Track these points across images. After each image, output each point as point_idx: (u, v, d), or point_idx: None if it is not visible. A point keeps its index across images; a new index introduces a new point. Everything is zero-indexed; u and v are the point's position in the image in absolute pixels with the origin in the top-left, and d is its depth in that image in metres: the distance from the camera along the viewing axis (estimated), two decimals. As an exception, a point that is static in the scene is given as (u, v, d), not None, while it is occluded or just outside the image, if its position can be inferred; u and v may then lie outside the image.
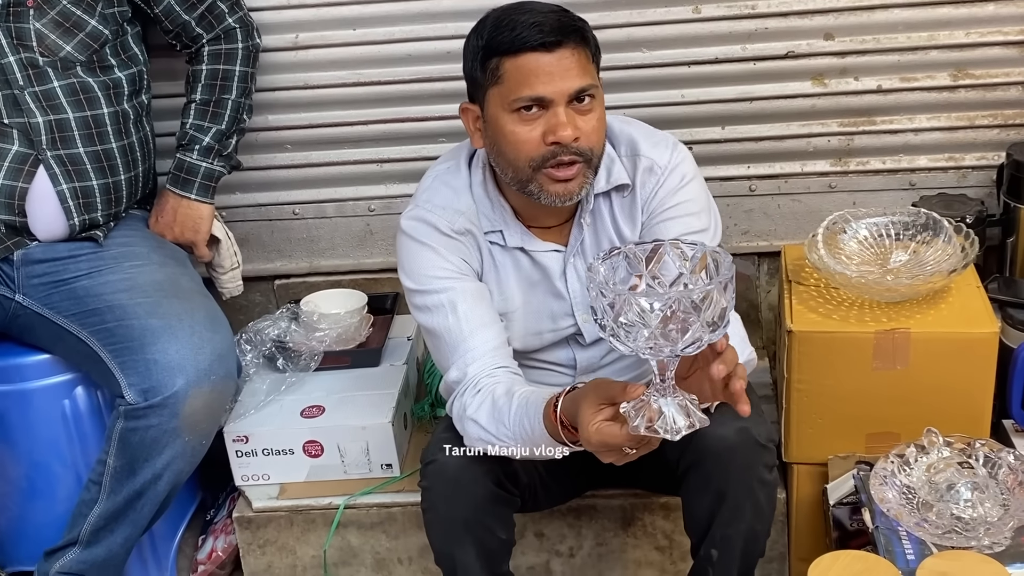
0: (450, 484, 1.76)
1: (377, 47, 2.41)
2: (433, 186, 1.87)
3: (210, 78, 2.28)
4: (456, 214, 1.82)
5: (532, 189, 1.73)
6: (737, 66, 2.36)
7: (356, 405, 2.26)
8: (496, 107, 1.71)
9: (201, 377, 1.98)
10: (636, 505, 2.16)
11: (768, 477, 1.77)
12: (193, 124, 2.27)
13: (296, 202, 2.58)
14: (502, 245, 1.85)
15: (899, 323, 1.96)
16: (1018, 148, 2.26)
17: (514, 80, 1.68)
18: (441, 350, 1.81)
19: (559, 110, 1.68)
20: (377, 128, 2.48)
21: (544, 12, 1.69)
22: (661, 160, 1.82)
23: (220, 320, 2.11)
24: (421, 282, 1.81)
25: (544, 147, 1.69)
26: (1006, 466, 1.78)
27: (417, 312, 1.84)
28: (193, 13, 2.25)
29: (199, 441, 2.06)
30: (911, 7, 2.28)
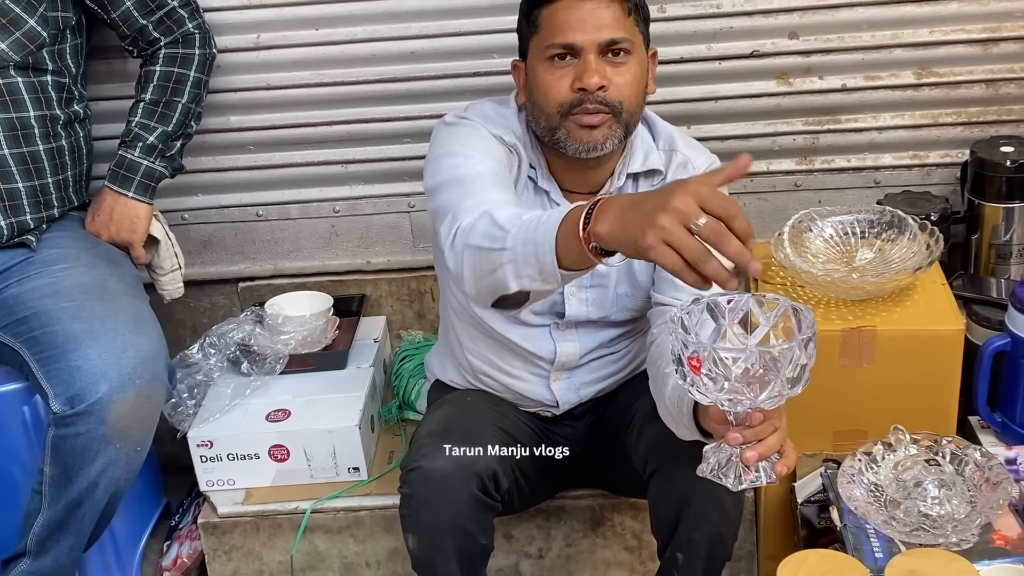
0: (434, 491, 1.74)
1: (340, 47, 2.38)
2: (481, 108, 1.87)
3: (163, 79, 2.25)
4: (506, 130, 1.83)
5: (560, 136, 1.76)
6: (702, 65, 2.36)
7: (322, 408, 2.24)
8: (534, 57, 1.77)
9: (125, 382, 1.93)
10: (605, 506, 2.16)
11: None
12: (139, 123, 2.24)
13: (260, 204, 2.56)
14: (535, 181, 1.87)
15: (865, 321, 1.97)
16: (981, 145, 2.27)
17: (549, 28, 1.74)
18: (453, 197, 1.65)
19: (589, 58, 1.72)
20: (341, 129, 2.46)
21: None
22: (697, 161, 1.87)
23: (147, 321, 2.06)
24: (461, 148, 1.74)
25: (572, 94, 1.73)
26: (972, 463, 1.79)
27: (442, 173, 1.71)
28: (151, 17, 2.22)
29: (132, 448, 2.00)
30: (875, 6, 2.29)
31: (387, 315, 2.61)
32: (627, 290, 1.91)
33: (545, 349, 1.95)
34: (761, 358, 1.32)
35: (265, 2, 2.35)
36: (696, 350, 1.33)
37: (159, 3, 2.21)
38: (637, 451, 1.81)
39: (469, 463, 1.74)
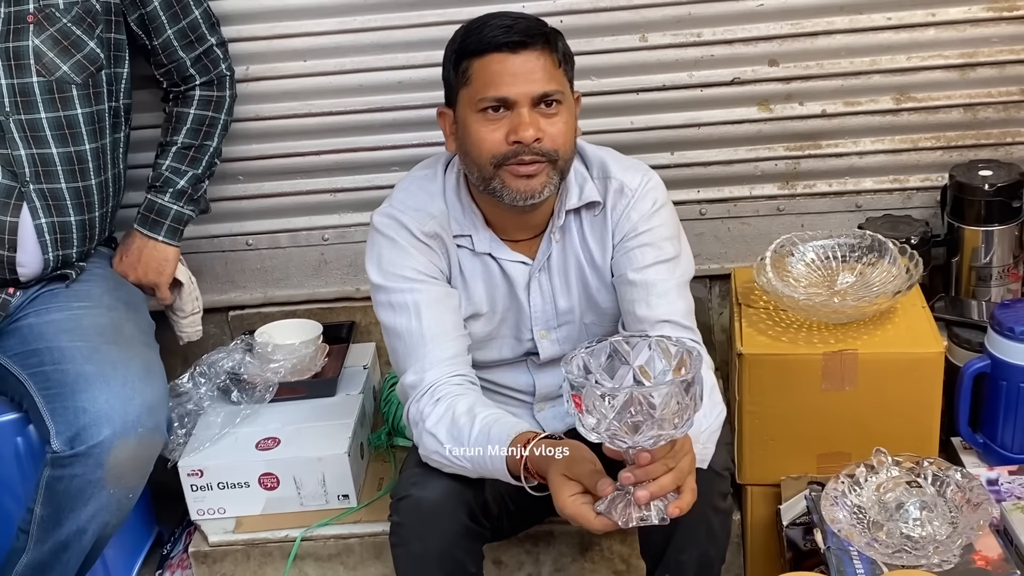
0: (424, 520, 1.75)
1: (328, 78, 2.42)
2: (409, 188, 1.89)
3: (196, 123, 2.28)
4: (427, 217, 1.84)
5: (495, 186, 1.76)
6: (684, 93, 2.39)
7: (312, 436, 2.26)
8: (465, 108, 1.76)
9: (128, 428, 1.96)
10: (593, 530, 2.17)
11: (722, 505, 1.79)
12: (170, 167, 2.27)
13: (249, 233, 2.58)
14: (471, 249, 1.88)
15: (847, 344, 1.99)
16: (960, 169, 2.30)
17: (480, 80, 1.73)
18: (399, 351, 1.83)
19: (522, 111, 1.72)
20: (329, 158, 2.49)
21: (515, 17, 1.76)
22: (632, 183, 1.86)
23: (156, 371, 2.09)
24: (389, 279, 1.83)
25: (506, 146, 1.73)
26: (954, 484, 1.81)
27: (380, 309, 1.85)
28: (190, 52, 2.25)
29: (125, 494, 2.02)
30: (853, 33, 2.32)
31: (376, 342, 2.63)
32: (594, 318, 1.94)
33: (524, 383, 1.98)
34: (635, 399, 1.35)
35: (254, 35, 2.39)
36: (577, 388, 1.39)
37: (199, 36, 2.25)
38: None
39: (459, 492, 1.76)
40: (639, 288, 1.83)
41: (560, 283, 1.91)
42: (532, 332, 1.92)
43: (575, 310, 1.92)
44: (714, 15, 2.33)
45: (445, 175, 1.89)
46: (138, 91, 2.34)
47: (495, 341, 1.94)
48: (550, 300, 1.91)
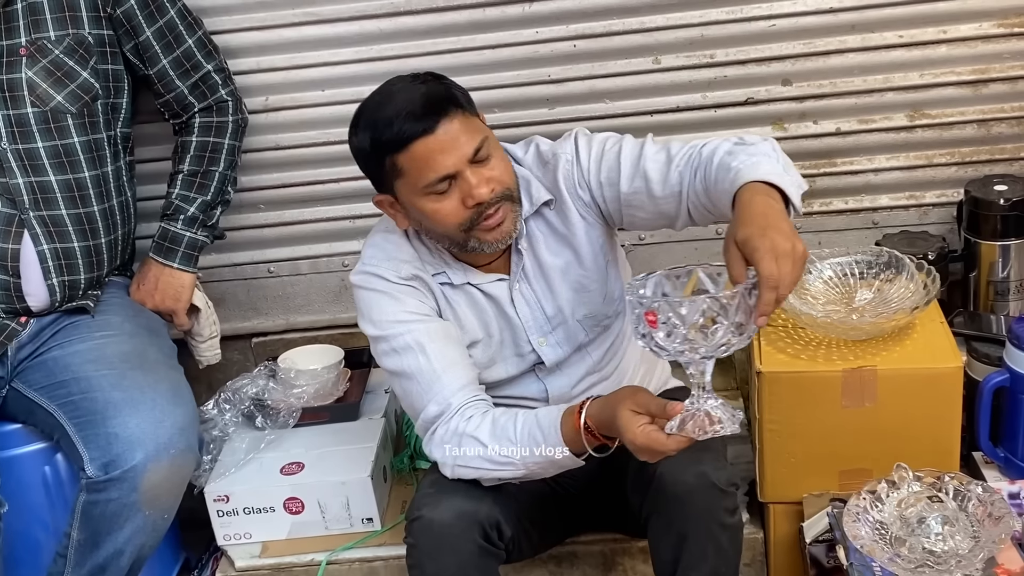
0: (436, 541, 1.77)
1: (345, 107, 2.41)
2: (374, 243, 1.92)
3: (199, 150, 2.31)
4: (401, 263, 1.87)
5: (473, 245, 1.81)
6: (698, 114, 2.41)
7: (335, 460, 2.28)
8: (408, 195, 1.78)
9: (160, 451, 1.99)
10: (616, 550, 2.18)
11: (730, 520, 1.80)
12: (179, 194, 2.30)
13: (271, 260, 2.61)
14: (451, 284, 1.90)
15: (866, 361, 1.99)
16: (975, 185, 2.31)
17: (415, 170, 1.74)
18: (413, 392, 1.83)
19: (466, 174, 1.74)
20: (348, 185, 2.52)
21: (409, 96, 1.73)
22: (565, 148, 1.89)
23: (184, 393, 2.12)
24: (384, 327, 1.85)
25: (467, 211, 1.76)
26: (975, 498, 1.81)
27: (384, 358, 1.87)
28: (187, 81, 2.28)
29: (160, 516, 2.05)
30: (865, 51, 2.34)
31: (398, 366, 2.65)
32: (585, 311, 1.95)
33: (536, 391, 1.99)
34: (711, 307, 1.45)
35: (273, 66, 2.43)
36: (651, 306, 1.48)
37: (194, 64, 2.28)
38: (633, 492, 1.84)
39: (470, 512, 1.77)
40: (641, 182, 1.81)
41: (542, 288, 1.92)
42: (531, 343, 1.94)
43: (563, 310, 1.93)
44: (727, 36, 2.35)
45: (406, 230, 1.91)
46: (151, 124, 2.39)
47: (499, 361, 1.96)
48: (537, 307, 1.93)
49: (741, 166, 1.62)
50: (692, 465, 1.74)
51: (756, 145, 1.69)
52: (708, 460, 1.77)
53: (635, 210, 1.85)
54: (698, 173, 1.73)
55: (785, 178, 1.62)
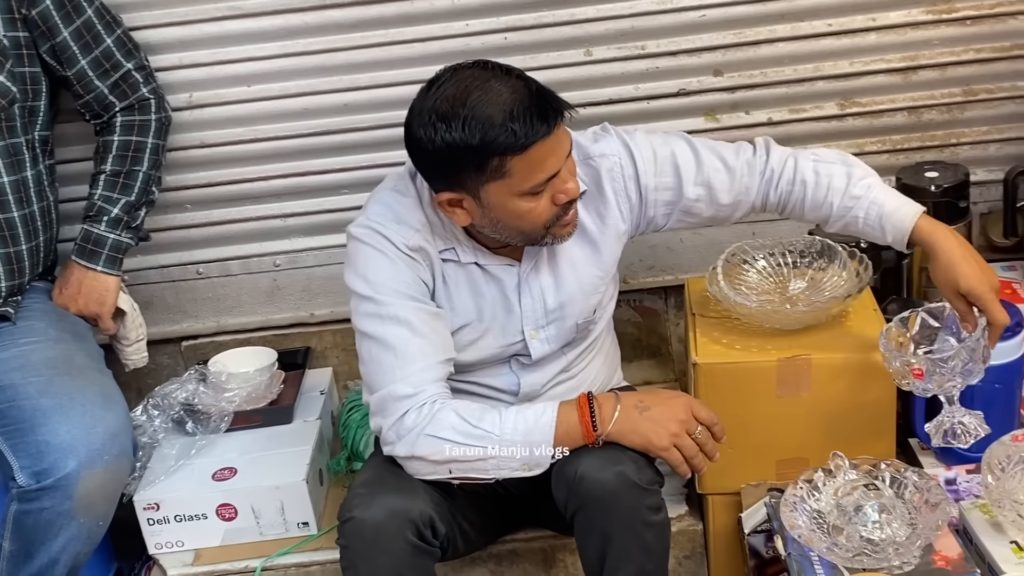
0: (368, 541, 1.74)
1: (272, 102, 2.40)
2: (382, 200, 1.85)
3: (122, 149, 2.25)
4: (411, 231, 1.81)
5: (546, 241, 1.81)
6: (631, 106, 2.40)
7: (269, 464, 2.24)
8: (502, 196, 1.72)
9: (94, 457, 1.93)
10: (556, 546, 2.16)
11: (654, 518, 1.79)
12: (102, 195, 2.24)
13: (200, 261, 2.56)
14: (456, 261, 1.86)
15: (800, 350, 1.99)
16: (907, 172, 2.32)
17: (525, 172, 1.69)
18: (386, 363, 1.77)
19: (564, 174, 1.73)
20: (278, 183, 2.47)
21: (518, 94, 1.66)
22: (611, 150, 1.90)
23: (114, 397, 2.07)
24: (377, 290, 1.79)
25: (555, 208, 1.75)
26: (911, 485, 1.81)
27: (366, 319, 1.80)
28: (106, 80, 2.22)
29: (95, 523, 2.00)
30: (795, 40, 2.34)
31: (333, 366, 2.62)
32: (585, 314, 1.95)
33: (507, 383, 1.97)
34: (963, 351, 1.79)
35: (196, 61, 2.37)
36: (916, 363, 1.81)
37: (114, 64, 2.22)
38: (558, 492, 1.81)
39: (403, 510, 1.74)
40: (704, 190, 1.93)
41: (549, 281, 1.91)
42: (523, 333, 1.91)
43: (565, 306, 1.91)
44: (658, 27, 2.34)
45: (417, 187, 1.85)
46: (71, 124, 2.33)
47: (481, 344, 1.92)
48: (540, 299, 1.91)
49: (885, 202, 1.87)
50: (611, 465, 1.73)
51: (859, 168, 1.92)
52: (628, 460, 1.76)
53: (689, 215, 1.97)
54: (789, 191, 1.93)
55: (916, 203, 1.89)
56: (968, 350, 1.79)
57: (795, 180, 1.93)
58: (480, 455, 1.74)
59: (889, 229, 1.86)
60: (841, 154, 1.96)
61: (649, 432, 1.76)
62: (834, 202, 1.90)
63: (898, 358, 1.84)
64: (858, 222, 1.89)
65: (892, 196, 1.89)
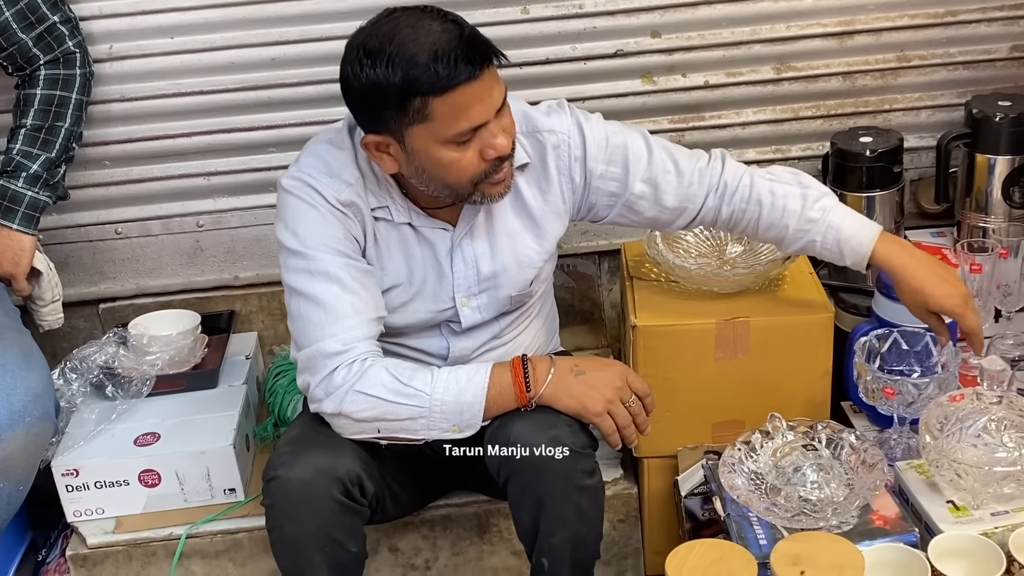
0: (294, 500, 1.69)
1: (197, 55, 2.32)
2: (316, 152, 1.79)
3: (45, 104, 2.16)
4: (343, 185, 1.75)
5: (475, 198, 1.74)
6: (568, 66, 2.37)
7: (194, 429, 2.17)
8: (424, 141, 1.65)
9: (15, 420, 1.86)
10: (491, 511, 2.13)
11: (588, 482, 1.76)
12: (21, 150, 2.14)
13: (118, 220, 2.47)
14: (389, 220, 1.81)
15: (738, 312, 1.99)
16: (841, 137, 2.32)
17: (448, 116, 1.62)
18: (315, 319, 1.72)
19: (491, 126, 1.66)
20: (202, 140, 2.40)
21: (449, 35, 1.60)
22: (562, 126, 1.84)
23: (35, 357, 1.99)
24: (308, 244, 1.73)
25: (484, 163, 1.68)
26: (848, 446, 1.82)
27: (295, 275, 1.75)
28: (31, 32, 2.12)
29: (16, 488, 1.93)
30: (733, 2, 2.33)
31: (258, 331, 2.55)
32: (517, 282, 1.90)
33: (437, 347, 1.92)
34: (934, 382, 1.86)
35: (116, 11, 2.28)
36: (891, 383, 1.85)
37: (39, 16, 2.13)
38: (491, 457, 1.78)
39: (329, 468, 1.70)
40: (650, 188, 1.88)
41: (484, 248, 1.86)
42: (454, 300, 1.87)
43: (498, 275, 1.87)
44: (596, -15, 2.31)
45: (353, 141, 1.79)
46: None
47: (411, 308, 1.87)
48: (472, 266, 1.86)
49: (843, 226, 1.85)
50: (545, 429, 1.71)
51: (814, 189, 1.88)
52: (562, 424, 1.73)
53: (632, 212, 1.91)
54: (744, 209, 1.88)
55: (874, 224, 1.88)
56: (939, 380, 1.85)
57: (750, 199, 1.88)
58: (410, 414, 1.70)
59: (848, 253, 1.85)
60: (796, 173, 1.91)
61: (583, 397, 1.73)
62: (790, 224, 1.86)
63: (878, 377, 1.87)
64: (815, 245, 1.87)
65: (849, 218, 1.86)
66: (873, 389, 1.88)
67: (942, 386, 1.85)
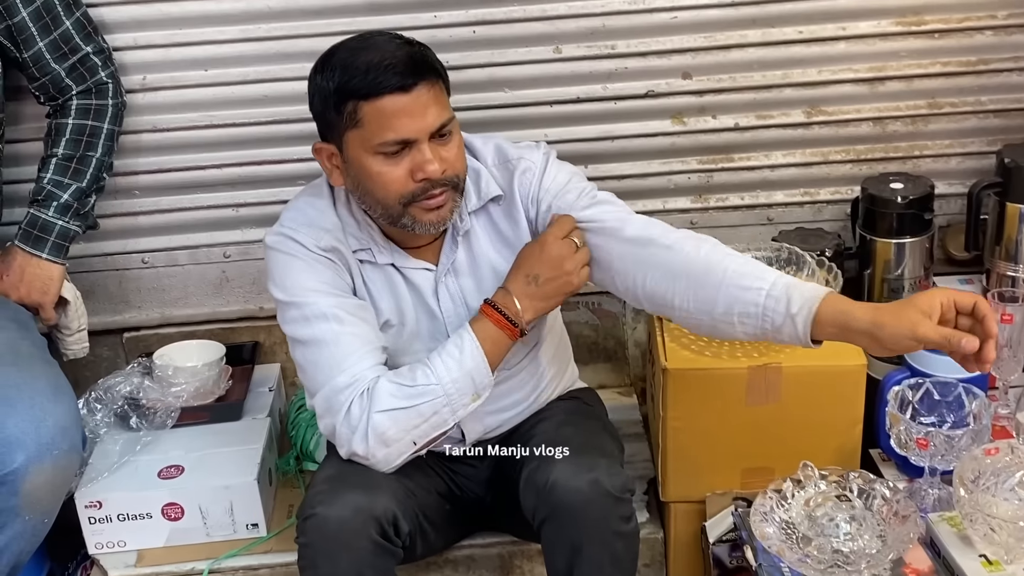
0: (331, 538, 1.68)
1: (230, 88, 2.32)
2: (296, 206, 1.85)
3: (76, 133, 2.16)
4: (321, 232, 1.79)
5: (405, 222, 1.75)
6: (598, 105, 2.37)
7: (218, 463, 2.16)
8: (357, 149, 1.70)
9: (43, 452, 1.85)
10: (514, 552, 2.12)
11: (625, 528, 1.75)
12: (52, 179, 2.14)
13: (146, 250, 2.47)
14: (372, 262, 1.83)
15: (770, 358, 1.98)
16: (872, 182, 2.32)
17: (375, 123, 1.67)
18: (322, 360, 1.74)
19: (423, 147, 1.69)
20: (231, 172, 2.39)
21: (394, 50, 1.68)
22: (533, 157, 1.86)
23: (63, 389, 1.98)
24: (295, 294, 1.77)
25: (413, 184, 1.70)
26: (880, 497, 1.80)
27: (292, 325, 1.78)
28: (64, 63, 2.13)
29: (41, 520, 1.92)
30: (765, 46, 2.33)
31: (281, 362, 2.54)
32: None
33: None
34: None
35: (151, 43, 2.28)
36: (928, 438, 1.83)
37: (72, 47, 2.13)
38: (526, 498, 1.77)
39: (367, 507, 1.69)
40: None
41: (471, 284, 1.87)
42: (448, 336, 1.86)
43: None
44: (628, 27, 2.30)
45: (333, 191, 1.84)
46: (20, 102, 2.24)
47: (412, 349, 1.87)
48: (461, 303, 1.87)
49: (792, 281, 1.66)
50: (585, 472, 1.69)
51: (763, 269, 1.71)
52: (603, 466, 1.72)
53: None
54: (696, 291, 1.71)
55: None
56: (973, 432, 1.84)
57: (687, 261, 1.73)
58: (433, 408, 1.72)
59: (795, 297, 1.62)
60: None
61: (556, 292, 1.78)
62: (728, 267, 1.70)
63: (911, 428, 1.85)
64: (760, 294, 1.65)
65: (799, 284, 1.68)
66: (906, 440, 1.86)
67: (976, 438, 1.83)
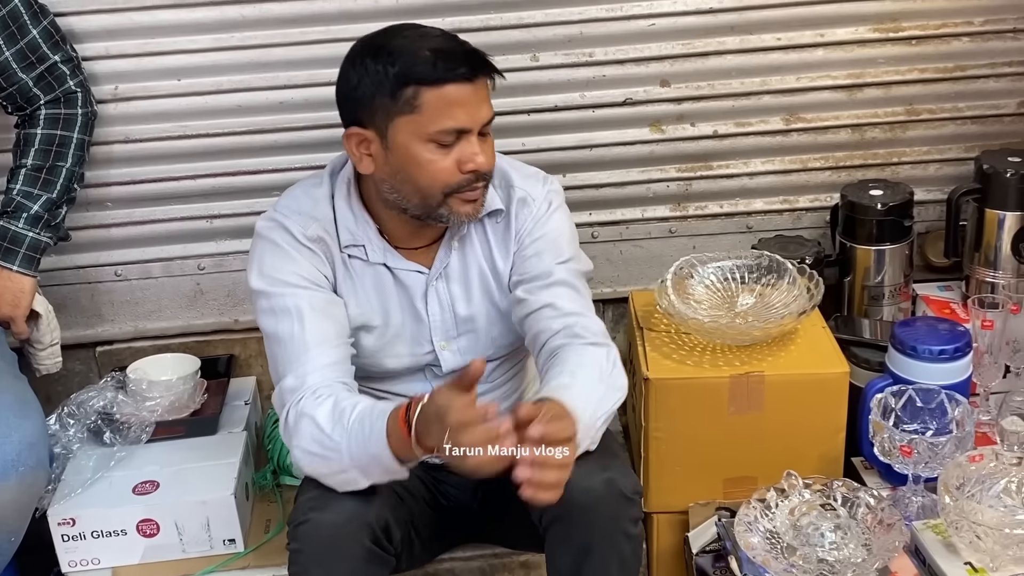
0: (325, 544, 1.66)
1: (204, 98, 2.29)
2: (293, 194, 1.84)
3: (45, 143, 2.13)
4: (311, 221, 1.79)
5: (442, 212, 1.73)
6: (576, 113, 2.36)
7: (194, 478, 2.12)
8: (408, 135, 1.68)
9: (7, 469, 1.82)
10: (495, 565, 2.09)
11: (634, 531, 1.73)
12: (21, 190, 2.11)
13: (118, 263, 2.43)
14: (364, 259, 1.81)
15: (752, 367, 1.97)
16: (852, 189, 2.32)
17: (436, 110, 1.66)
18: (280, 357, 1.75)
19: (473, 139, 1.69)
20: (206, 183, 2.36)
21: (451, 40, 1.70)
22: (534, 192, 1.85)
23: (31, 404, 1.95)
24: (270, 284, 1.77)
25: (460, 175, 1.70)
26: (864, 505, 1.80)
27: (262, 315, 1.78)
28: (31, 72, 2.09)
29: (7, 539, 1.89)
30: (743, 53, 2.32)
31: (257, 375, 2.50)
32: (500, 329, 1.88)
33: (422, 391, 1.86)
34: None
35: (123, 52, 2.25)
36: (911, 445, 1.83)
37: (40, 56, 2.10)
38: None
39: (361, 513, 1.66)
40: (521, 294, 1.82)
41: (460, 291, 1.85)
42: (432, 343, 1.85)
43: (477, 319, 1.86)
44: (605, 35, 2.29)
45: (333, 183, 1.83)
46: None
47: (391, 352, 1.86)
48: (448, 309, 1.85)
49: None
50: (599, 472, 1.66)
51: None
52: (616, 466, 1.69)
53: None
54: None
55: None
56: (956, 439, 1.83)
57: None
58: (340, 468, 1.64)
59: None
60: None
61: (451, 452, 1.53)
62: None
63: (895, 436, 1.84)
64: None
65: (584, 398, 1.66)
66: (889, 447, 1.85)
67: (959, 445, 1.83)
